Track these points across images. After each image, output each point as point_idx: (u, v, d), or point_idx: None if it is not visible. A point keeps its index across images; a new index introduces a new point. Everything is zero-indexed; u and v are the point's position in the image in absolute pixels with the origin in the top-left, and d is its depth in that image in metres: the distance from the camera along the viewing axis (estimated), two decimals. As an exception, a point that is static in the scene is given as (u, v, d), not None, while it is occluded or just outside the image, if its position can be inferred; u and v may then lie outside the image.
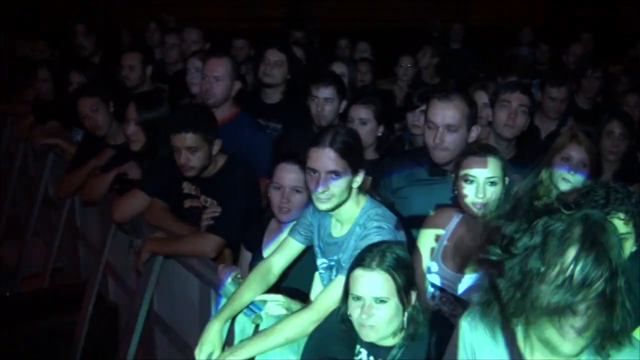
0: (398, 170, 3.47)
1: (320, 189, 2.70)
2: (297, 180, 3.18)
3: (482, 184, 2.80)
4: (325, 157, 2.70)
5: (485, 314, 1.83)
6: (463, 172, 2.84)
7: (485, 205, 2.79)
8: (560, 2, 13.79)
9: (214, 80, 4.20)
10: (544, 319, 1.61)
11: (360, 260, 2.42)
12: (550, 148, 3.57)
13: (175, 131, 3.49)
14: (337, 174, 2.70)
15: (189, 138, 3.45)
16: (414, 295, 2.45)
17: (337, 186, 2.71)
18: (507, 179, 2.85)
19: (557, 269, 1.58)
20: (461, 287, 2.85)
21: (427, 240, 3.03)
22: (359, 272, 2.39)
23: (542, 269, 1.60)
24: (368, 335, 2.38)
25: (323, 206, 2.75)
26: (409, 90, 5.77)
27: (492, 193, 2.80)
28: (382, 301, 2.35)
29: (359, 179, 2.77)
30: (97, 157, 4.44)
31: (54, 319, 4.53)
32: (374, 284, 2.36)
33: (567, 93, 4.92)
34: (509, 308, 1.69)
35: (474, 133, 3.32)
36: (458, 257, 2.92)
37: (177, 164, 3.53)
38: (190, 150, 3.47)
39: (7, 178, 6.59)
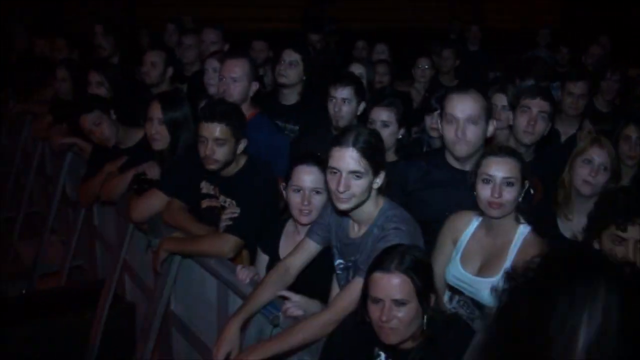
0: (415, 172, 3.46)
1: (341, 189, 2.68)
2: (317, 181, 3.17)
3: (498, 184, 2.79)
4: (348, 157, 2.69)
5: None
6: (481, 171, 2.84)
7: (501, 205, 2.79)
8: (574, 4, 13.70)
9: (232, 81, 4.19)
10: None
11: (379, 263, 2.41)
12: (569, 151, 3.55)
13: (207, 120, 3.47)
14: (358, 174, 2.69)
15: (219, 129, 3.44)
16: (433, 298, 2.45)
17: (358, 186, 2.70)
18: (526, 182, 2.85)
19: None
20: (479, 291, 2.84)
21: (445, 242, 3.03)
22: (378, 275, 2.38)
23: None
24: (388, 338, 2.37)
25: (343, 206, 2.75)
26: (426, 92, 5.76)
27: (509, 194, 2.79)
28: (402, 303, 2.34)
29: (379, 180, 2.76)
30: (110, 164, 4.43)
31: (70, 318, 4.53)
32: (393, 286, 2.35)
33: (586, 89, 4.85)
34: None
35: (492, 127, 3.29)
36: (477, 260, 2.91)
37: (201, 155, 3.50)
38: (217, 142, 3.45)
39: (25, 177, 6.63)
